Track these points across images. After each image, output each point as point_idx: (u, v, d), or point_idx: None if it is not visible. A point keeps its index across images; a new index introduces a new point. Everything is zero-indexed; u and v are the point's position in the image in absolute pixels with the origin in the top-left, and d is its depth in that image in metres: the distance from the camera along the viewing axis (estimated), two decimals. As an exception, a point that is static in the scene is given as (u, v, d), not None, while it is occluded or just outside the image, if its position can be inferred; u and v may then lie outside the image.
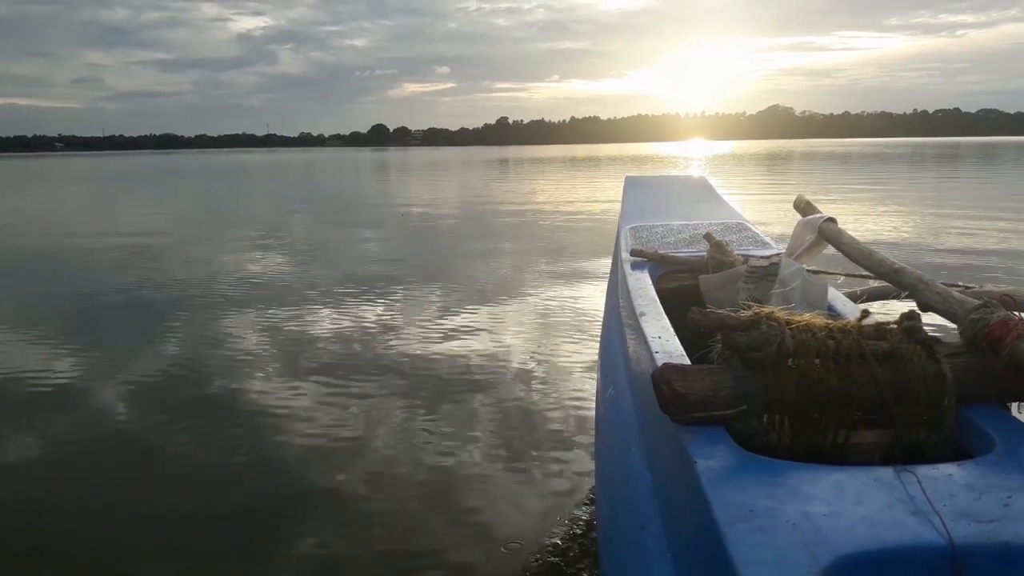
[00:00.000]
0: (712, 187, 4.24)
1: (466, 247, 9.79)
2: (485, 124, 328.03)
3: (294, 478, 3.18)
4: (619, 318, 2.39)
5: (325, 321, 5.90)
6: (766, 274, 2.15)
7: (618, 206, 3.91)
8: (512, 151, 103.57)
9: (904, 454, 1.24)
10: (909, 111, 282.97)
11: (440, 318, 5.82)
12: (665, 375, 1.29)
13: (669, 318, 1.95)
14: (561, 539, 2.59)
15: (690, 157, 53.97)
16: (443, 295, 6.69)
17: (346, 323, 5.81)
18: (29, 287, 7.99)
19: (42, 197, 24.97)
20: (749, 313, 1.35)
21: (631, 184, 4.27)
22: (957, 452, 1.25)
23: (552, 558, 2.49)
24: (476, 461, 3.25)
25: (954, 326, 1.44)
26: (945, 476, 1.08)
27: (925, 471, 1.09)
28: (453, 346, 5.03)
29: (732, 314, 1.36)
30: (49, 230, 13.72)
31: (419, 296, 6.71)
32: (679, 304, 2.10)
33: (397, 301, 6.52)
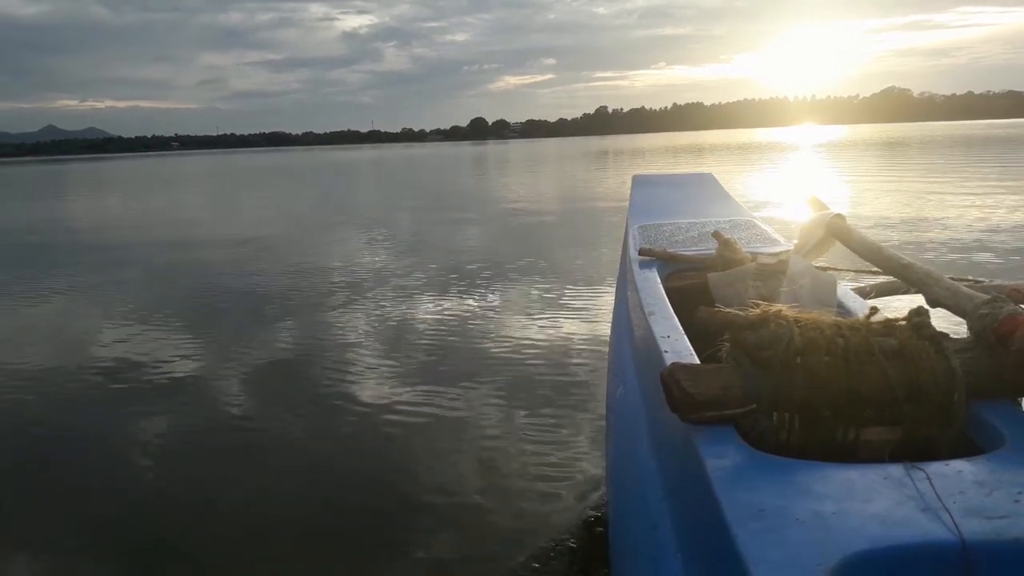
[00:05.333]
0: (720, 185, 4.23)
1: (564, 248, 9.50)
2: (584, 114, 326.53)
3: (403, 472, 3.27)
4: (628, 317, 2.39)
5: (431, 315, 6.04)
6: (775, 272, 2.14)
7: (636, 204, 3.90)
8: (611, 142, 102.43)
9: (914, 451, 1.24)
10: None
11: (542, 315, 5.83)
12: (674, 375, 1.29)
13: (678, 317, 1.95)
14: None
15: (799, 144, 51.90)
16: (545, 293, 6.66)
17: (451, 318, 5.92)
18: (150, 280, 8.40)
19: (161, 196, 26.14)
20: (757, 311, 1.36)
21: (639, 182, 4.26)
22: (968, 449, 1.25)
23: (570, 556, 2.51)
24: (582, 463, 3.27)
25: (963, 322, 1.43)
26: (955, 473, 1.08)
27: (935, 468, 1.09)
28: (559, 344, 5.06)
29: (740, 312, 1.37)
30: (168, 226, 14.43)
31: (522, 293, 6.73)
32: (688, 303, 2.10)
33: (501, 297, 6.59)
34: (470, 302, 6.44)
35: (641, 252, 2.76)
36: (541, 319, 5.71)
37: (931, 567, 0.93)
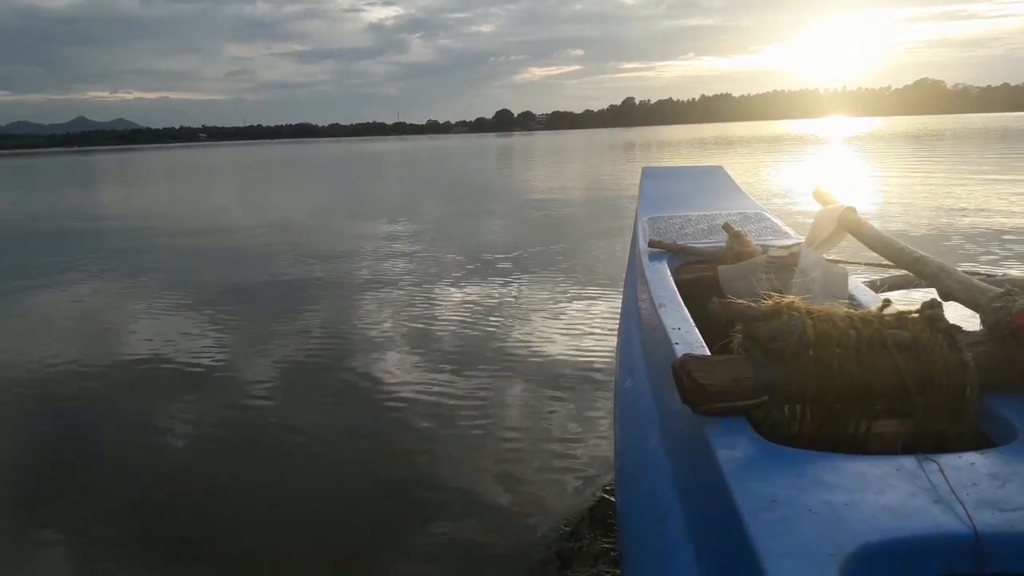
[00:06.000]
0: (730, 177, 4.21)
1: (584, 241, 9.43)
2: (610, 105, 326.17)
3: (424, 465, 3.30)
4: (638, 310, 2.39)
5: (452, 305, 6.13)
6: (786, 264, 2.14)
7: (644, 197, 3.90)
8: (637, 133, 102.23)
9: (926, 444, 1.23)
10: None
11: (566, 309, 5.85)
12: (686, 366, 1.29)
13: (688, 309, 1.95)
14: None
15: (831, 137, 50.65)
16: (566, 288, 6.66)
17: (474, 310, 5.97)
18: (176, 271, 8.52)
19: (191, 187, 26.62)
20: (769, 303, 1.35)
21: (648, 175, 4.25)
22: (980, 442, 1.25)
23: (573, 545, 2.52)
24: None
25: (976, 315, 1.43)
26: (968, 465, 1.08)
27: (947, 460, 1.08)
28: (581, 336, 5.08)
29: (752, 304, 1.36)
30: (197, 216, 14.84)
31: (541, 285, 6.75)
32: (698, 295, 2.10)
33: (521, 288, 6.63)
34: (490, 292, 6.51)
35: (651, 244, 2.76)
36: (561, 310, 5.76)
37: (944, 558, 0.93)
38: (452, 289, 6.72)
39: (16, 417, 4.16)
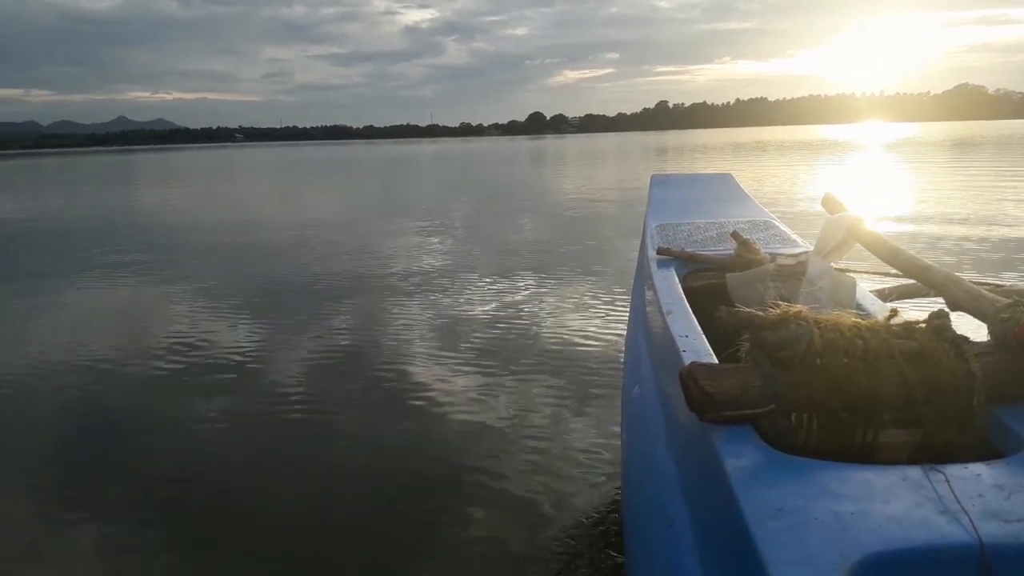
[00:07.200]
0: (739, 185, 4.21)
1: (612, 243, 9.35)
2: (644, 108, 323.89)
3: (454, 459, 3.31)
4: (645, 317, 2.40)
5: (482, 305, 6.14)
6: (794, 272, 2.14)
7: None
8: (671, 137, 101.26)
9: (933, 454, 1.23)
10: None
11: (592, 310, 5.85)
12: (693, 374, 1.30)
13: (696, 317, 1.96)
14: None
15: (869, 143, 48.55)
16: (592, 288, 6.66)
17: (501, 307, 6.01)
18: (213, 268, 8.55)
19: (229, 187, 26.79)
20: (777, 312, 1.36)
21: (657, 182, 4.26)
22: (987, 452, 1.25)
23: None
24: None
25: (984, 325, 1.43)
26: (974, 476, 1.08)
27: (953, 470, 1.09)
28: (606, 335, 5.08)
29: (760, 313, 1.37)
30: (232, 217, 14.78)
31: (572, 286, 6.76)
32: (706, 303, 2.10)
33: (551, 289, 6.64)
34: (516, 292, 6.54)
35: (659, 252, 2.76)
36: (586, 310, 5.78)
37: (949, 569, 0.93)
38: (480, 289, 6.76)
39: (52, 407, 4.20)
